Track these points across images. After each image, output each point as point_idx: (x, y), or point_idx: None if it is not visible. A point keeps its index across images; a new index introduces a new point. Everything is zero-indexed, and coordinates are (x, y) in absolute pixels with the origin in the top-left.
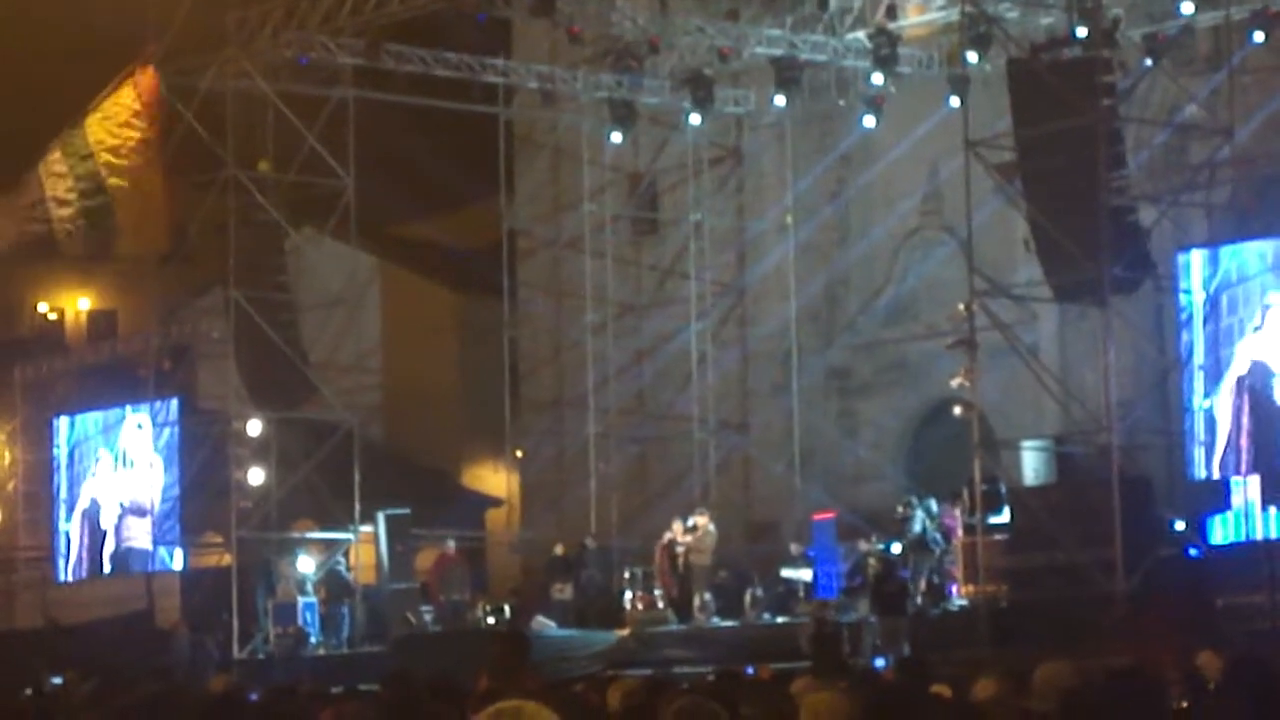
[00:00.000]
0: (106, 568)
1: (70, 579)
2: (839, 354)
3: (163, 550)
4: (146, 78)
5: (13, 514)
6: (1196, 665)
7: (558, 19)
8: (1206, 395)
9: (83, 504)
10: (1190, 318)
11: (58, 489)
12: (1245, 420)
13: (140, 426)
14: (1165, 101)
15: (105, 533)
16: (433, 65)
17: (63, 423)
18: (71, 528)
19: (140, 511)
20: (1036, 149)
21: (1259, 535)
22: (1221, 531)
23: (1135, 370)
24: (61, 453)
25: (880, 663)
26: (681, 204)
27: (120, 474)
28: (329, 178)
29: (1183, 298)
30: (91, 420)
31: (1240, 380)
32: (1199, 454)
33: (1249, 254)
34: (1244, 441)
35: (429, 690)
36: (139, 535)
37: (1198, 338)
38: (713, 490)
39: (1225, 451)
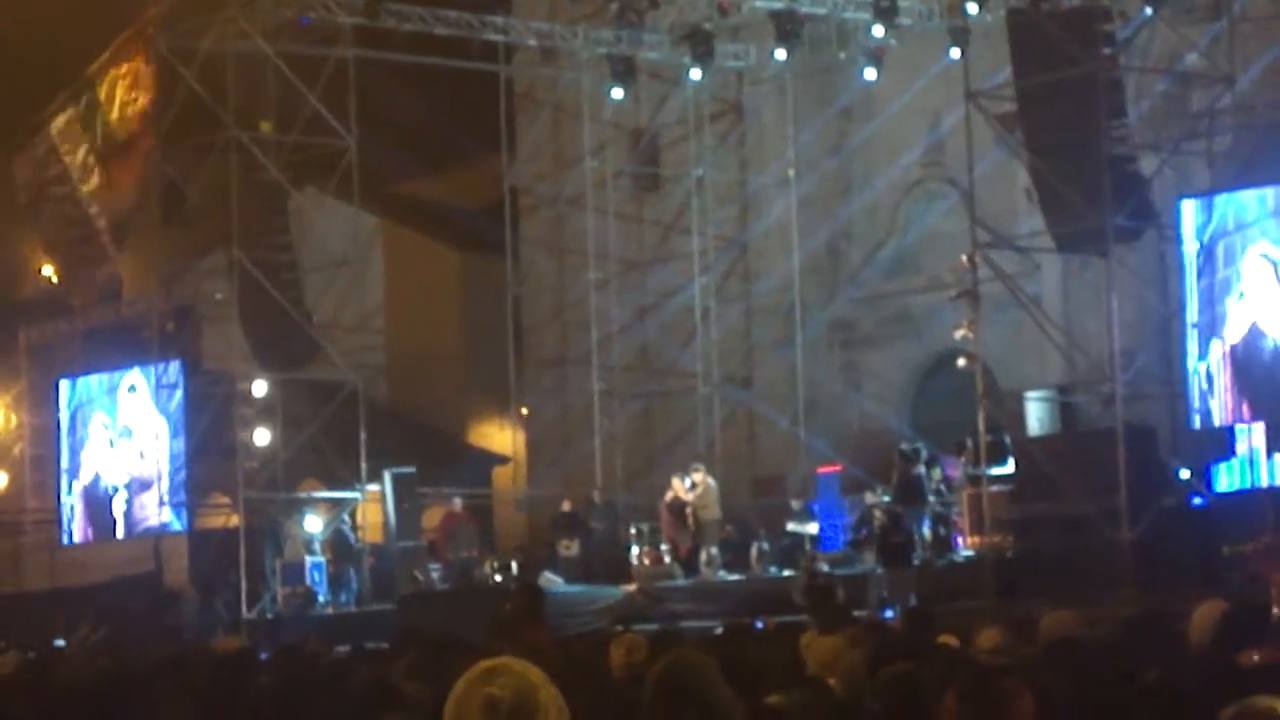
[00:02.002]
0: (119, 534)
1: (78, 541)
2: (842, 307)
3: (169, 512)
4: (146, 40)
5: (20, 477)
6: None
7: None
8: (1202, 355)
9: (84, 471)
10: (1190, 265)
11: (60, 453)
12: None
13: (133, 389)
14: (1166, 50)
15: (110, 499)
16: (432, 23)
17: (66, 386)
18: (73, 496)
19: (146, 485)
20: (1037, 99)
21: (1264, 483)
22: (1226, 479)
23: (1138, 319)
24: (64, 416)
25: (889, 614)
26: (683, 159)
27: (120, 445)
28: (330, 138)
29: (1186, 245)
30: (95, 382)
31: (1235, 331)
32: (1208, 403)
33: (1248, 201)
34: (1244, 393)
35: (439, 647)
36: (149, 506)
37: (1191, 292)
38: (717, 445)
39: (1228, 400)
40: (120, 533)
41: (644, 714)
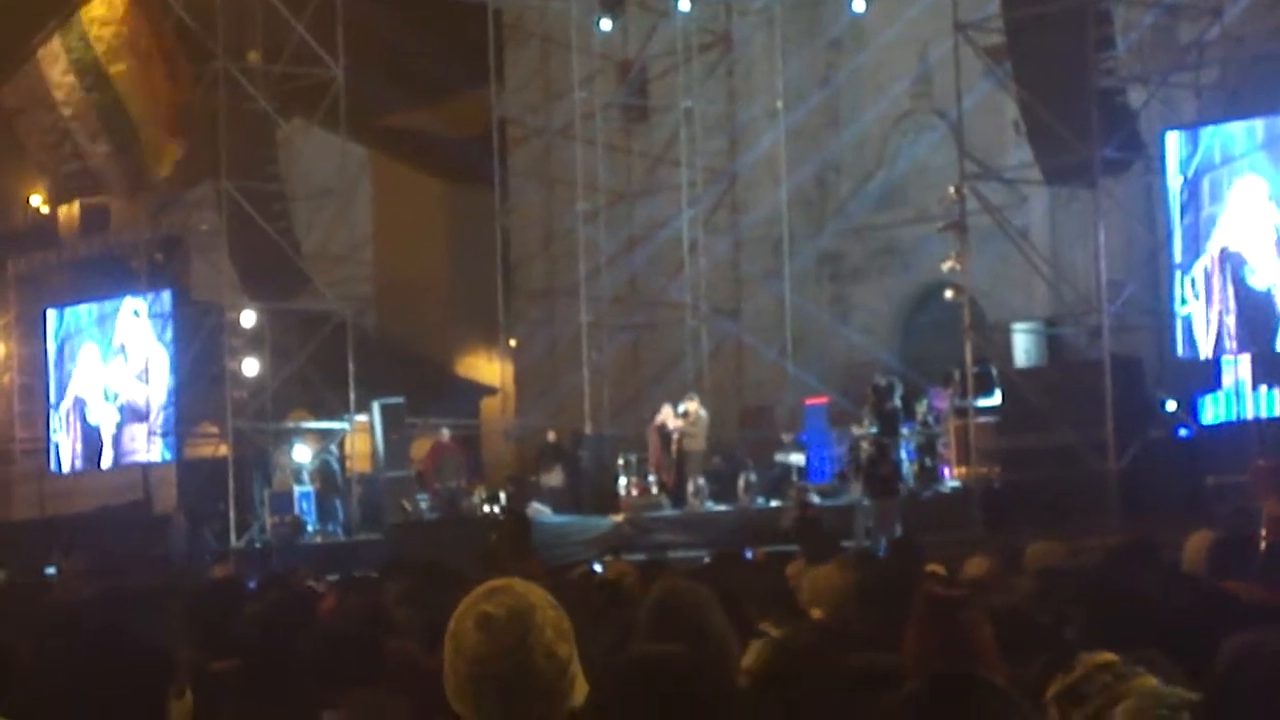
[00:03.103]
0: (105, 463)
1: (66, 471)
2: (830, 239)
3: (159, 443)
4: None
5: (9, 406)
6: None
7: None
8: (1184, 299)
9: (70, 398)
10: (1178, 198)
11: (48, 382)
12: (1231, 303)
13: (137, 314)
14: None
15: (97, 428)
16: None
17: (53, 315)
18: (60, 421)
19: (138, 413)
20: (1025, 31)
21: (1249, 414)
22: (1213, 411)
23: (1126, 251)
24: (51, 346)
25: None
26: (672, 91)
27: (113, 367)
28: (319, 68)
29: (1173, 177)
30: (84, 311)
31: (1219, 262)
32: (1193, 336)
33: (1236, 132)
34: (1231, 322)
35: (428, 575)
36: (139, 437)
37: (1176, 229)
38: (705, 376)
39: (1214, 332)
40: (107, 461)
41: (637, 638)
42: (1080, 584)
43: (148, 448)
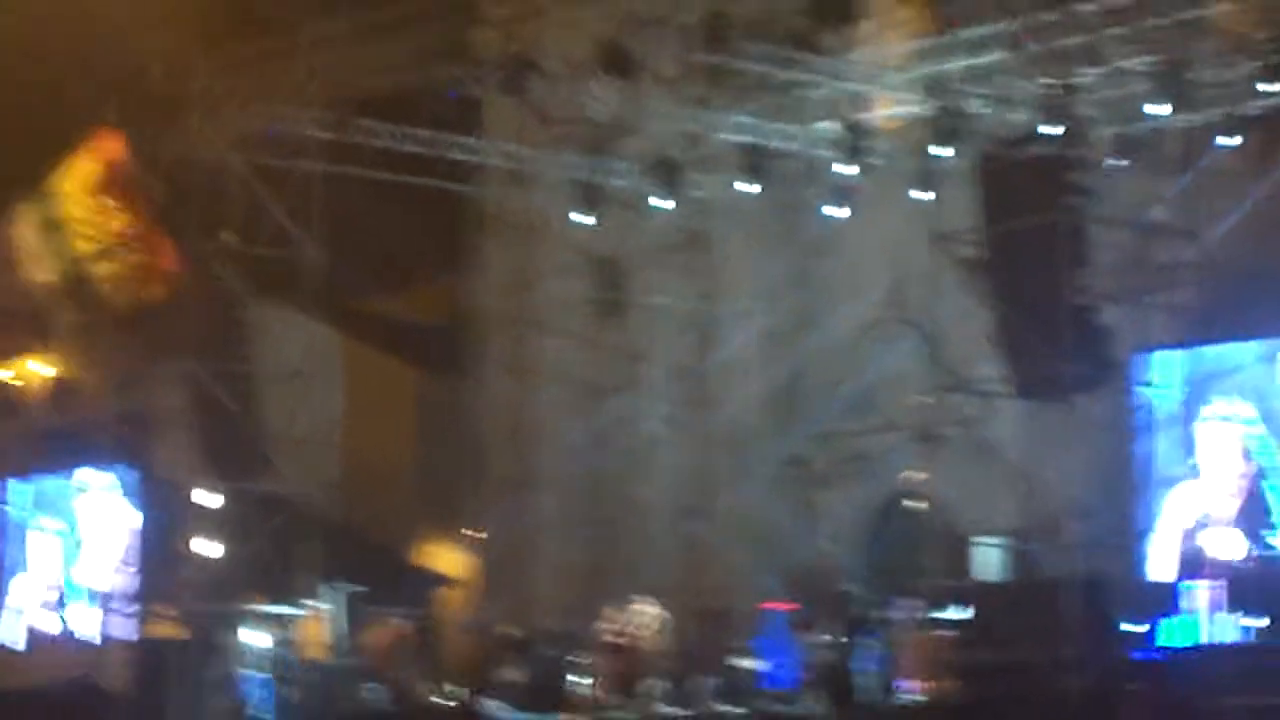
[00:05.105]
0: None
1: (11, 646)
2: (798, 443)
3: (111, 619)
4: (112, 144)
5: None
6: None
7: (528, 98)
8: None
9: (22, 573)
10: (1150, 419)
11: (4, 555)
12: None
13: (90, 489)
14: (1132, 200)
15: (49, 603)
16: (402, 141)
17: (13, 486)
18: (14, 600)
19: (91, 590)
20: (1003, 245)
21: (1204, 640)
22: (1171, 635)
23: (1096, 469)
24: (10, 517)
25: None
26: (646, 286)
27: (69, 544)
28: (291, 249)
29: (1147, 397)
30: (45, 485)
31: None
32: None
33: (1210, 355)
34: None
35: None
36: (89, 615)
37: (1155, 452)
38: (669, 576)
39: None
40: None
41: None
42: None
43: (99, 625)
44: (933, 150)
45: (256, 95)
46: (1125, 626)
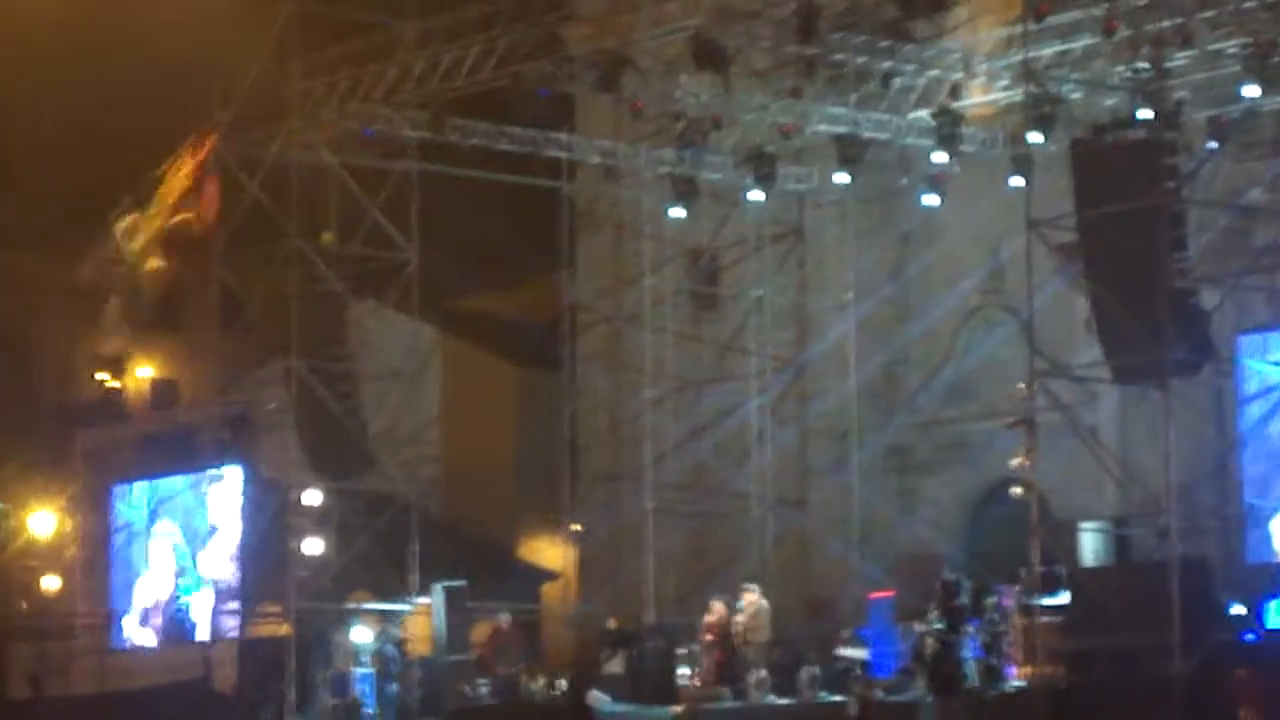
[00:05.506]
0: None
1: (128, 646)
2: (898, 432)
3: (222, 618)
4: (208, 148)
5: (71, 580)
6: None
7: (621, 94)
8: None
9: (144, 574)
10: (1251, 397)
11: (115, 556)
12: None
13: (204, 491)
14: (1229, 183)
15: (160, 604)
16: (496, 139)
17: (122, 490)
18: (133, 596)
19: (201, 590)
20: (1099, 230)
21: None
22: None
23: (1195, 452)
24: (120, 520)
25: None
26: (742, 279)
27: (181, 545)
28: (391, 250)
29: (1260, 375)
30: (152, 488)
31: None
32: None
33: None
34: None
35: None
36: (201, 615)
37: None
38: (770, 566)
39: None
40: (172, 627)
41: None
42: None
43: (210, 625)
44: (1026, 136)
45: (352, 97)
46: (1232, 609)
